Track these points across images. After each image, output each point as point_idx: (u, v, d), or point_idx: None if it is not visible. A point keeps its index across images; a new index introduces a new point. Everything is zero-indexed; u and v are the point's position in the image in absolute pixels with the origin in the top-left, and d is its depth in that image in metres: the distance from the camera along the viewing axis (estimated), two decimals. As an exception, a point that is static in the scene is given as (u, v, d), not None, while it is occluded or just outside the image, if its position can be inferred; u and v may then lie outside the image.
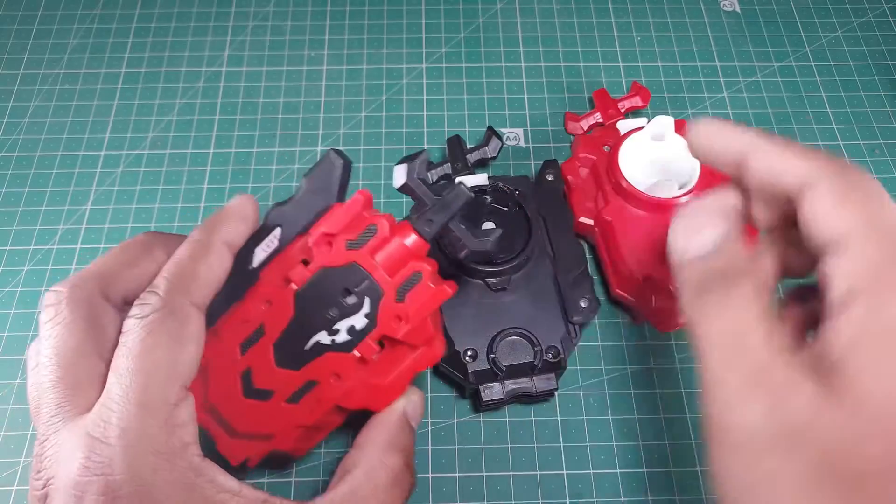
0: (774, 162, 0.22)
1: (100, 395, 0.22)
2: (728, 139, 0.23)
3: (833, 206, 0.20)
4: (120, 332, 0.23)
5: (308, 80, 0.46)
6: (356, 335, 0.26)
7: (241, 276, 0.27)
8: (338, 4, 0.49)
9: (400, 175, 0.34)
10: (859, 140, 0.43)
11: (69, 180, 0.42)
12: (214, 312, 0.27)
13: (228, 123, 0.44)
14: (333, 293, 0.26)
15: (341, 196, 0.27)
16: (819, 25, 0.48)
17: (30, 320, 0.37)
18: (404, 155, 0.42)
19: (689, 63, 0.47)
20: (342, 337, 0.26)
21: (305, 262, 0.26)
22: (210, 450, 0.24)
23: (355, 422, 0.28)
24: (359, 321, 0.26)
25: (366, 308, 0.26)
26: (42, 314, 0.24)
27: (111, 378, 0.22)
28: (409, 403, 0.27)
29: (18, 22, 0.48)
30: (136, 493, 0.21)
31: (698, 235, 0.23)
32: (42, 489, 0.22)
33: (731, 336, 0.20)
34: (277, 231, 0.27)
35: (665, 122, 0.37)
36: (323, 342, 0.26)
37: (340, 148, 0.26)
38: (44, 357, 0.23)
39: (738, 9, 0.49)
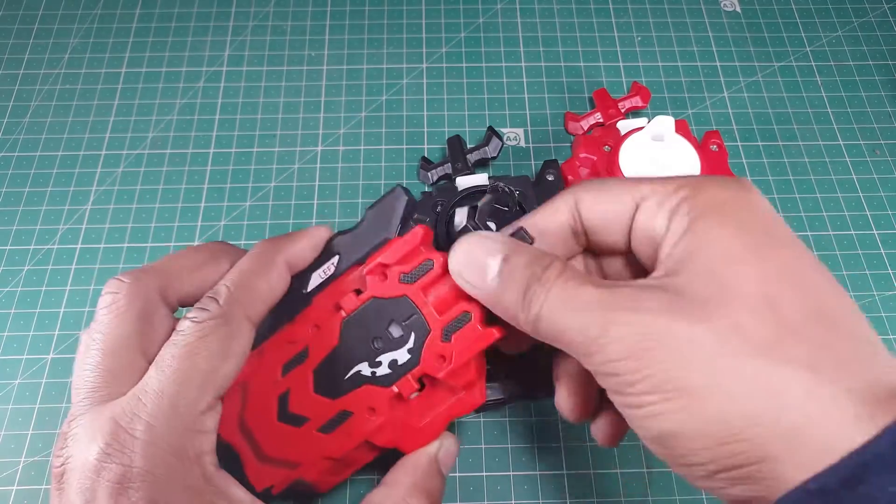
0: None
1: (132, 388, 0.23)
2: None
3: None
4: (167, 331, 0.24)
5: (308, 80, 0.46)
6: (397, 370, 0.25)
7: (295, 299, 0.27)
8: (338, 4, 0.49)
9: (461, 218, 0.33)
10: (859, 140, 0.43)
11: (69, 180, 0.42)
12: (263, 332, 0.27)
13: (228, 123, 0.44)
14: (380, 324, 0.26)
15: (402, 231, 0.27)
16: (819, 25, 0.48)
17: (30, 320, 0.37)
18: (401, 153, 0.42)
19: (689, 63, 0.47)
20: (383, 370, 0.26)
21: (358, 292, 0.26)
22: (237, 471, 0.24)
23: (386, 464, 0.27)
24: (402, 356, 0.25)
25: (410, 343, 0.25)
26: (100, 299, 0.24)
27: (152, 372, 0.23)
28: (442, 448, 0.26)
29: (19, 22, 0.48)
30: (147, 488, 0.21)
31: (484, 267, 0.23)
32: (60, 466, 0.22)
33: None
34: (335, 259, 0.27)
35: (665, 122, 0.37)
36: (363, 373, 0.26)
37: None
38: (91, 340, 0.23)
39: (738, 9, 0.49)
